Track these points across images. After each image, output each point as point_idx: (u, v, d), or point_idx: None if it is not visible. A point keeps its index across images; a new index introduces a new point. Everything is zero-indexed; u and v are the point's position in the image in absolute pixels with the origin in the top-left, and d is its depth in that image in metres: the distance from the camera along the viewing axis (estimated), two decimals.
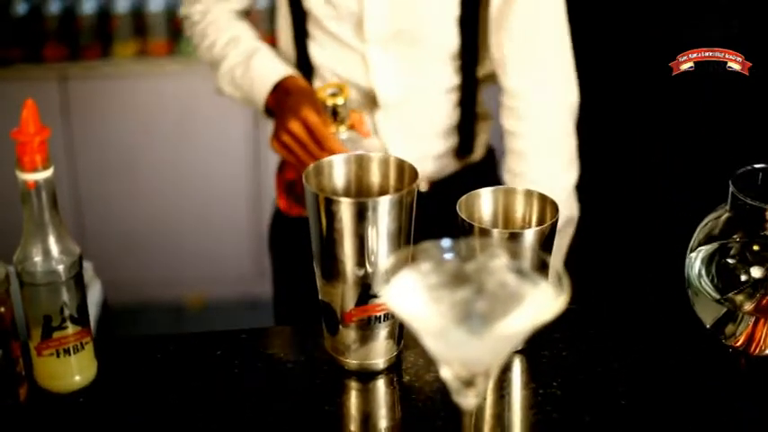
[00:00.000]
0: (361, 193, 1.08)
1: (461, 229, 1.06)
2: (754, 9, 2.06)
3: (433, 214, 1.18)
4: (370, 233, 1.00)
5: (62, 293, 1.01)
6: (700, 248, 1.14)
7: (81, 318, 1.04)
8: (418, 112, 1.56)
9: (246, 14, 1.68)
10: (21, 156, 0.97)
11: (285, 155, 1.43)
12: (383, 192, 1.07)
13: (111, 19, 2.98)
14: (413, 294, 0.79)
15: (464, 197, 1.09)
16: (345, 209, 0.99)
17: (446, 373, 0.80)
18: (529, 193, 1.11)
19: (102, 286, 1.69)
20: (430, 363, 1.08)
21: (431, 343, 0.78)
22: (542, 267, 0.81)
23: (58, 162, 2.89)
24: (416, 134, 1.57)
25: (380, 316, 1.06)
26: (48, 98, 2.96)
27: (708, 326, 1.12)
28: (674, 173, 2.28)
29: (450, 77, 1.55)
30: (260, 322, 3.03)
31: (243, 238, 3.27)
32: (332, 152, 1.35)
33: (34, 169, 0.97)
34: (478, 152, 1.65)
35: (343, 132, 1.41)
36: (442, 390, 0.82)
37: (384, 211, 0.99)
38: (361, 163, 1.08)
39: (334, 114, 1.41)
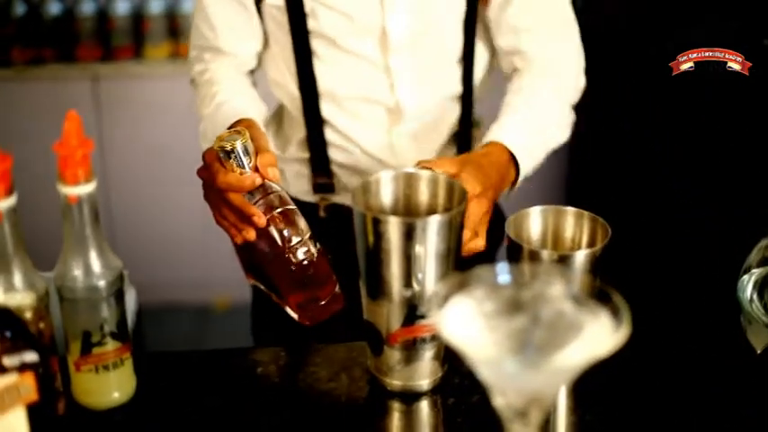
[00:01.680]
0: (409, 212, 1.06)
1: (509, 250, 1.04)
2: (754, 9, 2.05)
3: None
4: (419, 253, 0.97)
5: (102, 309, 0.99)
6: (753, 271, 1.11)
7: (121, 333, 1.02)
8: (432, 123, 1.53)
9: (251, 73, 1.56)
10: (63, 169, 0.95)
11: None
12: (431, 211, 1.05)
13: (143, 20, 2.99)
14: (467, 322, 0.76)
15: (512, 216, 1.07)
16: (393, 229, 0.97)
17: (499, 402, 0.78)
18: (579, 214, 1.08)
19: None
20: (475, 385, 1.05)
21: (484, 372, 0.75)
22: (595, 293, 0.78)
23: None
24: (428, 147, 1.54)
25: (426, 337, 1.03)
26: (80, 98, 2.97)
27: (758, 352, 1.09)
28: (674, 173, 2.27)
29: (455, 84, 1.53)
30: None
31: None
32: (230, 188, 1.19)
33: (76, 183, 0.95)
34: None
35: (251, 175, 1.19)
36: (489, 413, 0.80)
37: (433, 232, 0.97)
38: (409, 181, 1.06)
39: (236, 159, 1.18)
